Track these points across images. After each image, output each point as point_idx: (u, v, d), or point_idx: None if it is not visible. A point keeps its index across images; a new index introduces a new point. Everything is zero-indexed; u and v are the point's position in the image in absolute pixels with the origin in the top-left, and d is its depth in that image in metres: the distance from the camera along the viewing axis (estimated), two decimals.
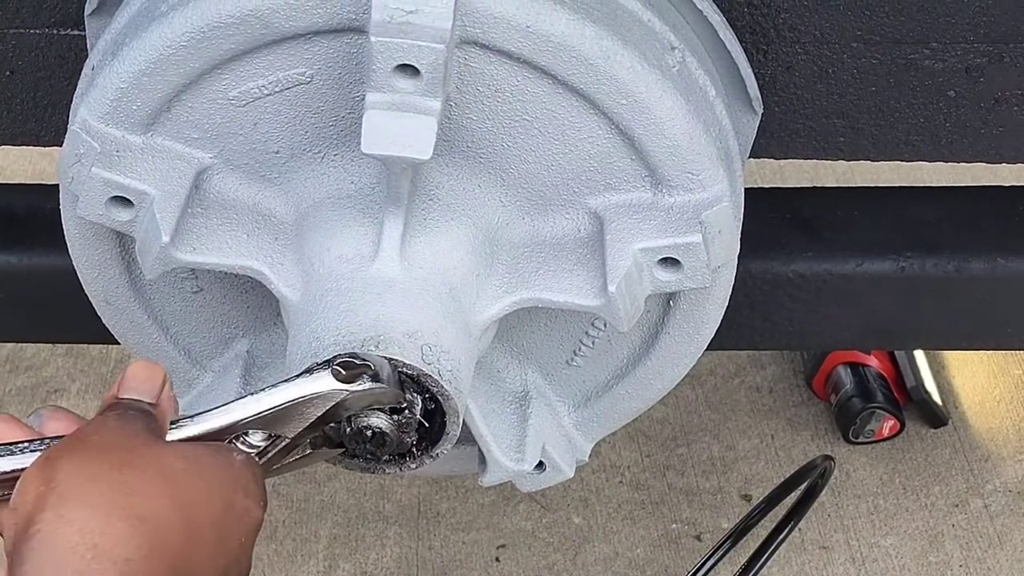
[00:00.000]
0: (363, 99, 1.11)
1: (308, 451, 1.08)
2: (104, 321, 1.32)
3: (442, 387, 1.11)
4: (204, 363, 1.35)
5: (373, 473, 1.18)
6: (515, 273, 1.21)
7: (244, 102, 1.16)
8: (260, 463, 1.03)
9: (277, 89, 1.15)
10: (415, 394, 1.12)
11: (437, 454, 1.16)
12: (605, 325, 1.30)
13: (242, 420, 1.02)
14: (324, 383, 1.03)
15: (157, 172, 1.16)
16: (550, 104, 1.14)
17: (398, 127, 1.07)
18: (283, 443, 1.04)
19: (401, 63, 1.06)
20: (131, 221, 1.16)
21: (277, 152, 1.19)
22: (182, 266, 1.19)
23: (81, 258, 1.28)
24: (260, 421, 1.02)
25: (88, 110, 1.14)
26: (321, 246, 1.19)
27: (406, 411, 1.11)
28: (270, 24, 1.10)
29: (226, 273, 1.25)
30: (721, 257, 1.17)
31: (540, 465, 1.31)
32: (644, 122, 1.13)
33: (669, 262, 1.17)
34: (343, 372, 1.04)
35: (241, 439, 1.03)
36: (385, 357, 1.09)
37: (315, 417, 1.04)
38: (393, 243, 1.16)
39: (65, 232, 1.26)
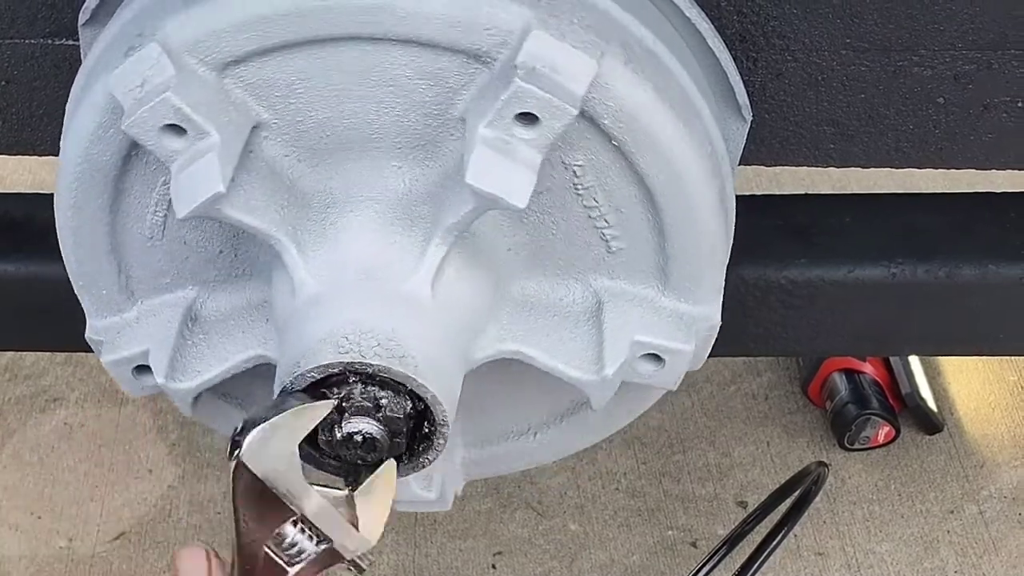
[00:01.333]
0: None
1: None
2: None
3: (441, 408, 1.14)
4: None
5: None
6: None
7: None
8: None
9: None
10: (407, 402, 1.14)
11: (425, 460, 1.17)
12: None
13: None
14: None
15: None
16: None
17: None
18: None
19: (158, 128, 1.09)
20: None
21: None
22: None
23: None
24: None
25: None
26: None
27: (394, 415, 1.12)
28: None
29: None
30: (571, 81, 1.11)
31: (654, 359, 1.26)
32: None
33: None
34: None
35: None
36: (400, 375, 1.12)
37: None
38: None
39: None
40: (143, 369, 1.27)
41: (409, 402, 1.13)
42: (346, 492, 1.12)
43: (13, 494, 2.33)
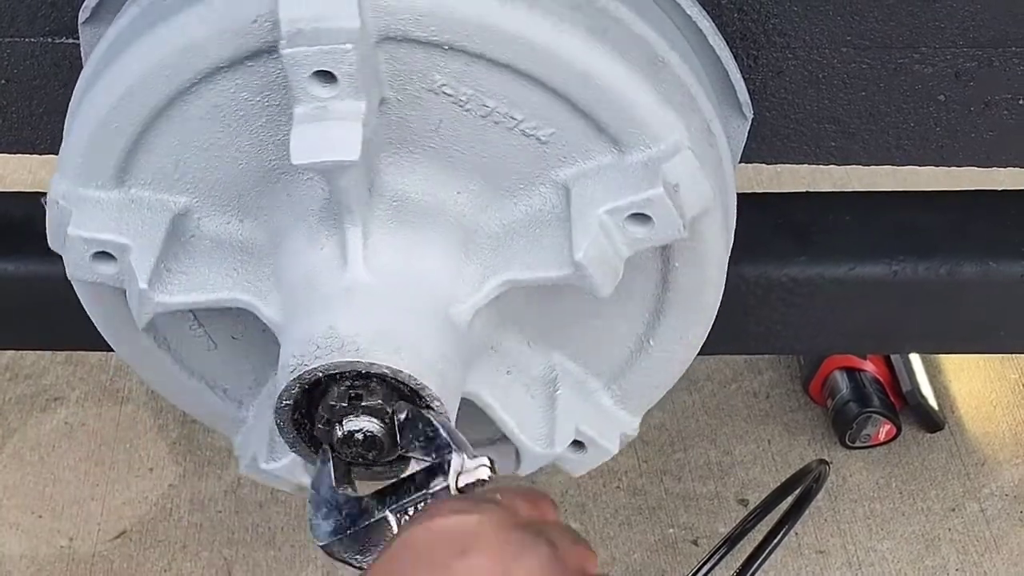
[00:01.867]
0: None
1: None
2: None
3: (421, 384, 1.13)
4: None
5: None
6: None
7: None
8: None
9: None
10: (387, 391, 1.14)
11: None
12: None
13: None
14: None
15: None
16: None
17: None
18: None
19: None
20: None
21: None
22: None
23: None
24: None
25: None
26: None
27: (394, 413, 1.12)
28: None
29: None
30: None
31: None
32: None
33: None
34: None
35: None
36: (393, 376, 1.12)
37: None
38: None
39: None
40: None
41: (383, 386, 1.13)
42: None
43: (14, 493, 2.33)
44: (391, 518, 1.08)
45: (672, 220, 1.15)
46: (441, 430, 1.11)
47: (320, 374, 1.12)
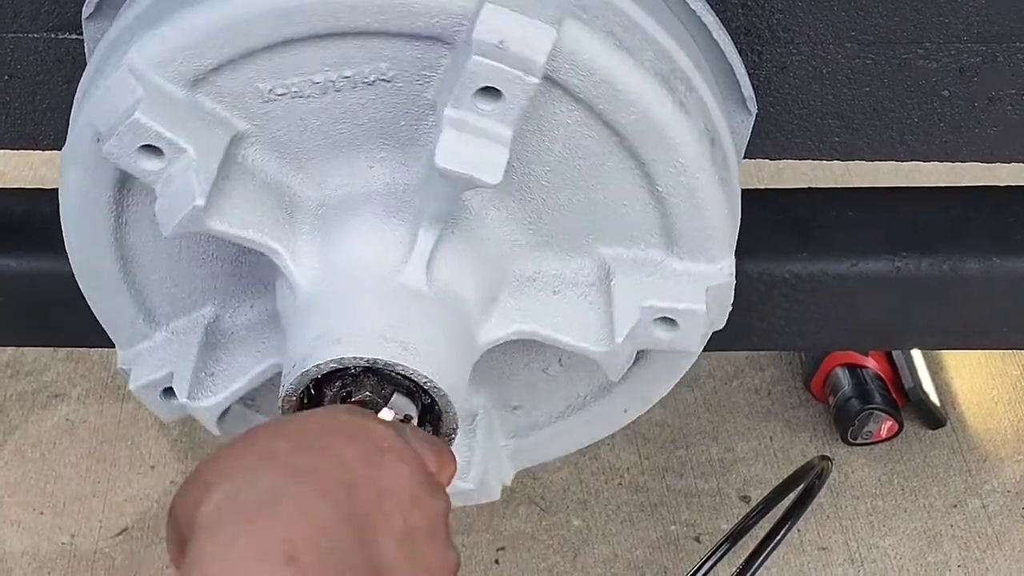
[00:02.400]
0: (426, 107, 1.14)
1: None
2: (70, 256, 1.29)
3: (448, 402, 1.14)
4: (161, 321, 1.32)
5: None
6: (517, 303, 1.24)
7: (310, 91, 1.16)
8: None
9: (348, 85, 1.15)
10: (416, 402, 1.14)
11: None
12: (562, 364, 1.33)
13: None
14: None
15: (195, 130, 1.14)
16: (601, 153, 1.17)
17: (473, 148, 1.09)
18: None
19: (487, 85, 1.08)
20: (157, 172, 1.13)
21: (320, 139, 1.19)
22: (206, 232, 1.17)
23: (73, 192, 1.24)
24: None
25: (140, 55, 1.12)
26: (346, 241, 1.20)
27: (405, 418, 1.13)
28: (366, 16, 1.10)
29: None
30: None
31: (667, 322, 1.26)
32: (683, 189, 1.17)
33: (667, 322, 1.21)
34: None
35: None
36: (401, 373, 1.12)
37: None
38: (423, 255, 1.18)
39: (63, 164, 1.23)
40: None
41: (413, 393, 1.13)
42: None
43: (15, 490, 2.33)
44: None
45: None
46: None
47: (364, 364, 1.12)
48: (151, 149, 1.12)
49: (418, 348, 1.13)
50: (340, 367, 1.12)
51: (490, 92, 1.08)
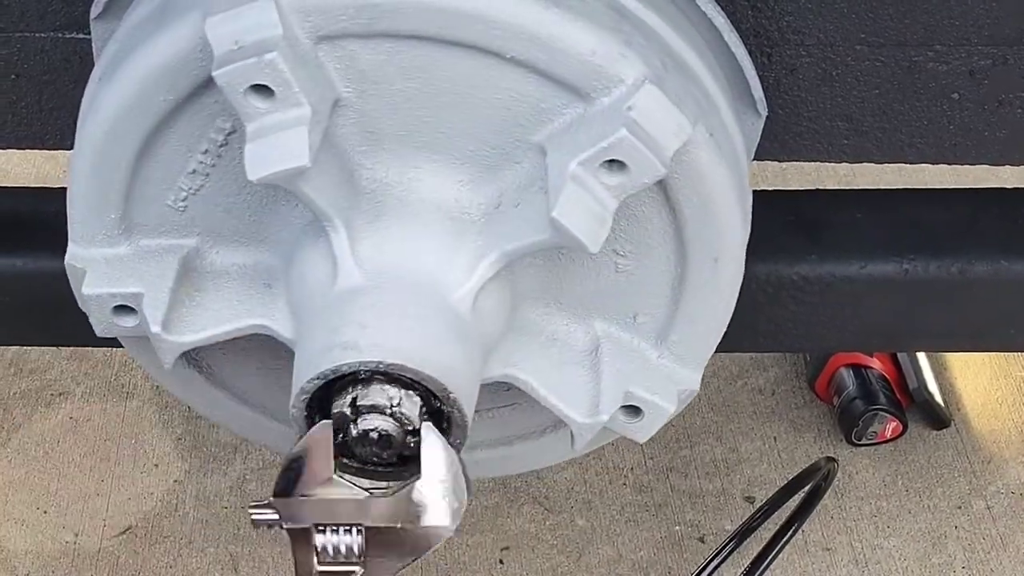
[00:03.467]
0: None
1: None
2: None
3: (425, 375, 1.12)
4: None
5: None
6: (486, 237, 1.20)
7: (187, 174, 1.20)
8: None
9: (212, 156, 1.18)
10: (413, 393, 1.13)
11: (456, 440, 1.16)
12: (621, 253, 1.27)
13: None
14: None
15: (145, 271, 1.22)
16: (442, 67, 1.13)
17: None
18: None
19: (249, 85, 1.07)
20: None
21: (244, 211, 1.22)
22: (184, 348, 1.24)
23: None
24: None
25: (72, 241, 1.22)
26: (298, 280, 1.22)
27: (406, 412, 1.12)
28: (170, 86, 1.13)
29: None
30: (668, 139, 1.11)
31: (634, 411, 1.28)
32: (526, 43, 1.11)
33: (613, 165, 1.12)
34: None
35: None
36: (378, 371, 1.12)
37: None
38: (345, 254, 1.18)
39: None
40: (123, 309, 1.24)
41: (425, 404, 1.13)
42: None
43: (19, 489, 2.33)
44: None
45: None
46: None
47: (320, 381, 1.12)
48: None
49: (452, 369, 1.14)
50: (377, 371, 1.12)
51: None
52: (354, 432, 1.12)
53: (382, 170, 1.19)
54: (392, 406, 1.11)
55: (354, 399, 1.12)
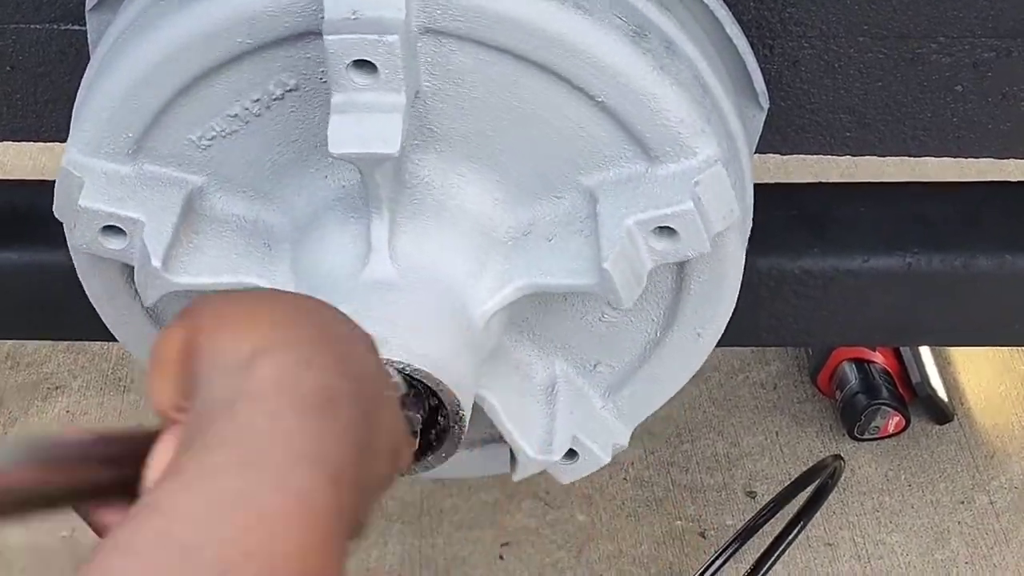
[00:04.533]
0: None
1: None
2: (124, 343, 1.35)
3: (438, 381, 1.11)
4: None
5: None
6: (513, 261, 1.20)
7: (223, 121, 1.17)
8: None
9: (263, 107, 1.15)
10: (418, 394, 1.12)
11: (444, 454, 1.15)
12: (612, 305, 1.25)
13: None
14: None
15: (148, 198, 1.18)
16: (526, 87, 1.13)
17: (364, 125, 1.07)
18: None
19: (356, 59, 1.05)
20: (124, 249, 1.17)
21: (267, 167, 1.19)
22: (177, 289, 1.19)
23: (92, 283, 1.29)
24: None
25: (74, 146, 1.16)
26: (316, 255, 1.19)
27: (407, 411, 1.11)
28: (252, 30, 1.10)
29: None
30: (719, 221, 1.15)
31: (572, 454, 1.30)
32: (619, 90, 1.12)
33: (665, 232, 1.15)
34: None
35: None
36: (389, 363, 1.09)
37: None
38: (382, 243, 1.16)
39: (77, 268, 1.28)
40: (113, 231, 1.19)
41: (425, 402, 1.12)
42: None
43: None
44: None
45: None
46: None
47: (409, 372, 1.10)
48: (112, 229, 1.16)
49: (388, 338, 1.10)
50: (400, 371, 1.10)
51: (364, 65, 1.06)
52: None
53: (426, 169, 1.18)
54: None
55: None
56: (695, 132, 1.14)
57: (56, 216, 1.20)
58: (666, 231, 1.14)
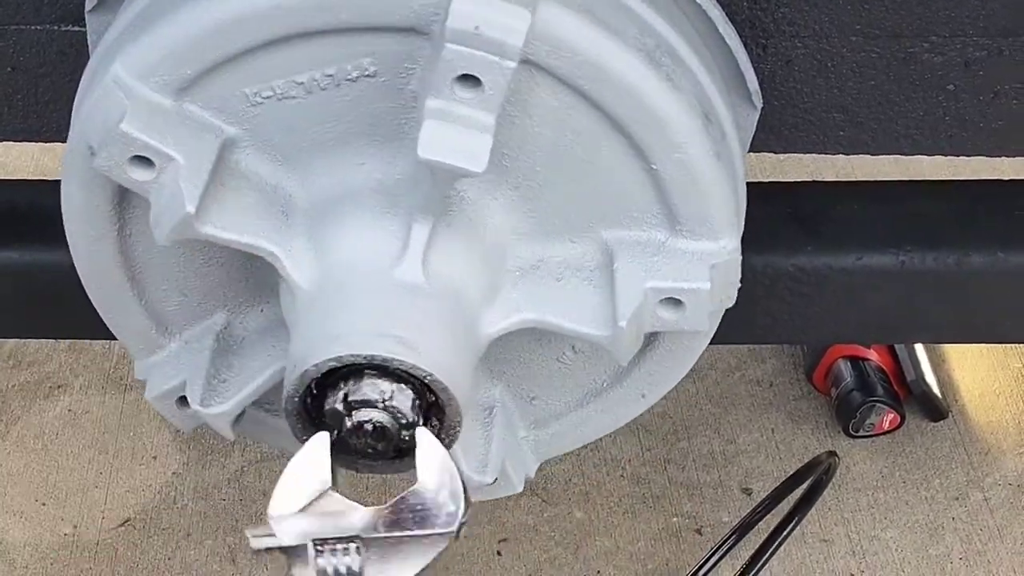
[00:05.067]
0: (410, 101, 1.13)
1: None
2: (78, 268, 1.28)
3: (450, 395, 1.13)
4: (174, 331, 1.32)
5: (375, 472, 1.19)
6: (520, 291, 1.22)
7: (295, 92, 1.16)
8: None
9: (332, 83, 1.14)
10: (415, 395, 1.13)
11: (449, 439, 1.16)
12: (575, 351, 1.32)
13: None
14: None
15: (183, 138, 1.15)
16: (591, 136, 1.16)
17: (456, 137, 1.08)
18: None
19: (465, 73, 1.06)
20: (148, 183, 1.13)
21: (307, 138, 1.18)
22: (200, 238, 1.16)
23: (74, 207, 1.23)
24: None
25: (124, 66, 1.12)
26: (342, 240, 1.19)
27: (399, 403, 1.12)
28: (362, 12, 1.09)
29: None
30: (721, 304, 1.20)
31: (674, 302, 1.26)
32: (677, 165, 1.16)
33: (672, 303, 1.20)
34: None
35: None
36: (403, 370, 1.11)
37: None
38: (419, 248, 1.17)
39: (63, 180, 1.22)
40: (141, 161, 1.17)
41: (413, 388, 1.13)
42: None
43: (17, 481, 2.33)
44: None
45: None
46: None
47: (362, 360, 1.11)
48: (141, 160, 1.13)
49: (416, 342, 1.12)
50: (339, 365, 1.11)
51: (469, 80, 1.07)
52: (348, 423, 1.12)
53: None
54: (382, 397, 1.12)
55: (346, 395, 1.12)
56: (727, 222, 1.20)
57: (82, 134, 1.15)
58: (674, 303, 1.19)
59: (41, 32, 1.35)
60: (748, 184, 1.29)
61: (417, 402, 1.13)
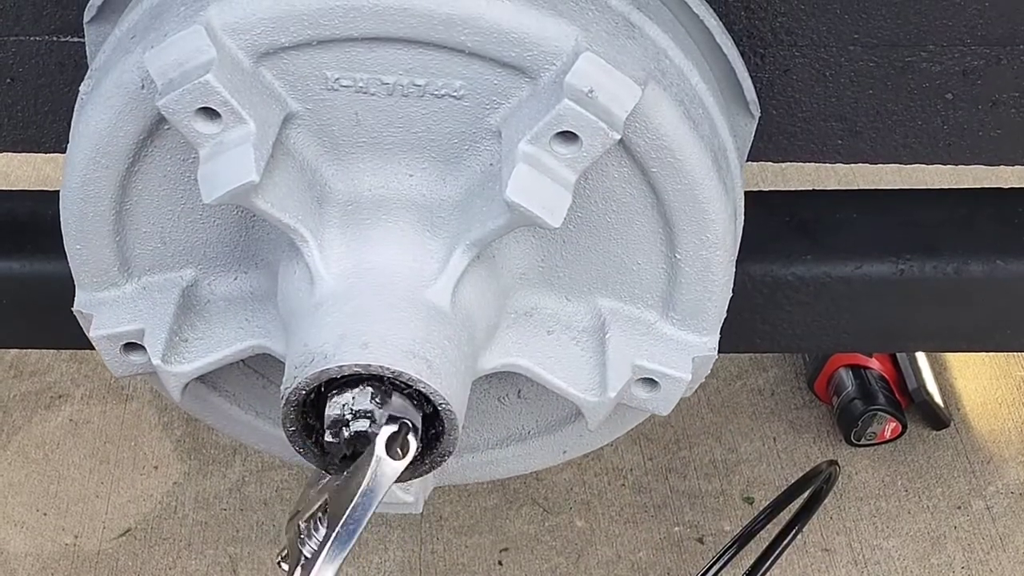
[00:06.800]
0: (485, 132, 1.15)
1: None
2: (64, 180, 1.23)
3: (398, 371, 1.12)
4: (135, 274, 1.28)
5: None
6: (513, 336, 1.25)
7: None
8: None
9: (416, 93, 1.15)
10: (417, 413, 1.14)
11: (431, 465, 1.17)
12: (520, 396, 1.37)
13: None
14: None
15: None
16: (634, 209, 1.18)
17: (542, 187, 1.10)
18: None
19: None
20: (210, 136, 1.11)
21: (364, 135, 1.18)
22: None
23: (92, 128, 1.19)
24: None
25: (220, 16, 1.10)
26: (378, 244, 1.19)
27: (403, 417, 1.12)
28: (476, 39, 1.10)
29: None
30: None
31: (650, 383, 1.27)
32: (700, 263, 1.20)
33: (649, 383, 1.24)
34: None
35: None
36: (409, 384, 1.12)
37: None
38: (454, 275, 1.18)
39: (88, 98, 1.19)
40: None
41: (418, 405, 1.13)
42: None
43: (18, 491, 2.33)
44: None
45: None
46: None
47: (389, 374, 1.12)
48: (210, 112, 1.10)
49: (440, 368, 1.14)
50: (364, 374, 1.12)
51: (568, 136, 1.08)
52: (347, 434, 1.12)
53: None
54: (372, 413, 1.13)
55: (339, 407, 1.13)
56: (716, 322, 1.25)
57: (145, 67, 1.11)
58: (651, 383, 1.24)
59: (40, 43, 1.35)
60: (748, 192, 1.29)
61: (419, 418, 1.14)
